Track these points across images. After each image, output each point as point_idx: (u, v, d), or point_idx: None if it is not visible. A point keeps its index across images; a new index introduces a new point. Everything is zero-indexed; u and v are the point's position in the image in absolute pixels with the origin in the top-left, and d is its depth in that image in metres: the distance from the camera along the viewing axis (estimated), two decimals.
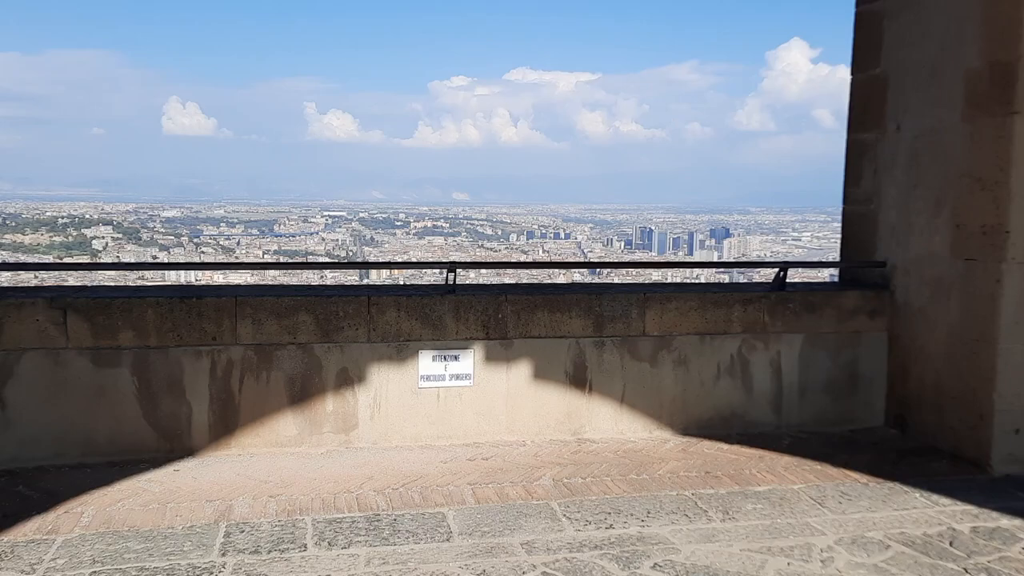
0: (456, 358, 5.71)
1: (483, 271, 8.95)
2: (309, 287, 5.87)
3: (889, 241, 6.30)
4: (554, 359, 5.86)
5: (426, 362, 5.67)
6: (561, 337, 5.85)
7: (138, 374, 5.30)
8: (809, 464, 5.53)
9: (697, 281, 6.99)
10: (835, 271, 7.14)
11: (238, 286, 5.93)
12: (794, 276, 6.72)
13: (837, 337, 6.26)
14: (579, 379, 5.90)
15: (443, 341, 5.69)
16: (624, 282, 6.73)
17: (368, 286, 6.01)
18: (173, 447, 5.37)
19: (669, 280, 7.71)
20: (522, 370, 5.81)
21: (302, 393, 5.53)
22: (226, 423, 5.45)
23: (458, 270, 5.81)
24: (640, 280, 7.69)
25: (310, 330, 5.50)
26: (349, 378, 5.59)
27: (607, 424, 5.96)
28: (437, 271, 6.20)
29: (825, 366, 6.26)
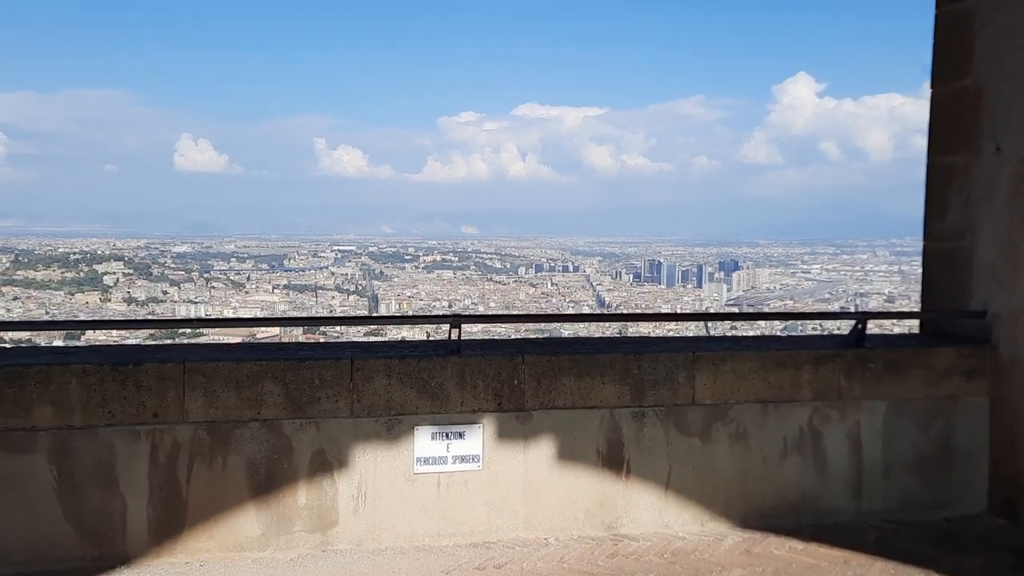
0: (461, 435, 4.50)
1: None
2: (278, 346, 4.68)
3: (988, 285, 5.09)
4: (583, 435, 4.64)
5: (424, 441, 4.46)
6: (592, 407, 4.64)
7: (58, 461, 4.11)
8: (909, 572, 4.27)
9: (756, 334, 5.75)
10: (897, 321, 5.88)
11: (188, 347, 4.75)
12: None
13: (927, 403, 5.03)
14: (614, 459, 4.68)
15: (445, 414, 4.49)
16: (667, 336, 5.50)
17: (351, 344, 4.82)
18: (102, 553, 4.16)
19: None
20: (543, 449, 4.60)
21: (267, 482, 4.33)
22: (170, 522, 4.23)
23: (464, 325, 4.62)
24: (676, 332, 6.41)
25: (278, 403, 4.32)
26: (327, 462, 4.39)
27: (649, 515, 4.72)
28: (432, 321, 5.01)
29: (913, 439, 5.02)
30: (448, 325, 4.60)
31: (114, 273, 63.51)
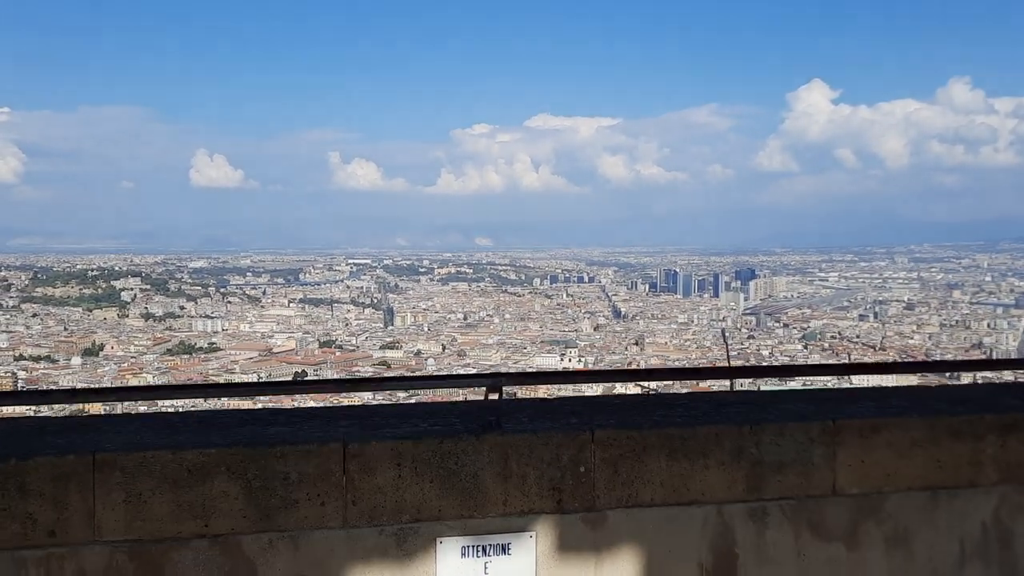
0: (505, 550, 3.03)
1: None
2: (238, 419, 3.21)
3: None
4: (680, 543, 3.16)
5: (451, 559, 3.00)
6: (691, 503, 3.16)
7: None
8: None
9: (914, 382, 4.11)
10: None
11: (101, 420, 3.27)
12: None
13: None
14: None
15: (481, 519, 3.02)
16: (787, 389, 3.94)
17: (344, 411, 3.35)
18: None
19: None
20: (623, 566, 3.11)
21: None
22: None
23: (505, 387, 3.17)
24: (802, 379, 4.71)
25: (236, 510, 2.86)
26: None
27: None
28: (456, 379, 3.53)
29: None
30: (485, 388, 3.14)
31: (132, 289, 62.88)
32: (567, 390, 5.10)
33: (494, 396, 3.18)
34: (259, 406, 3.38)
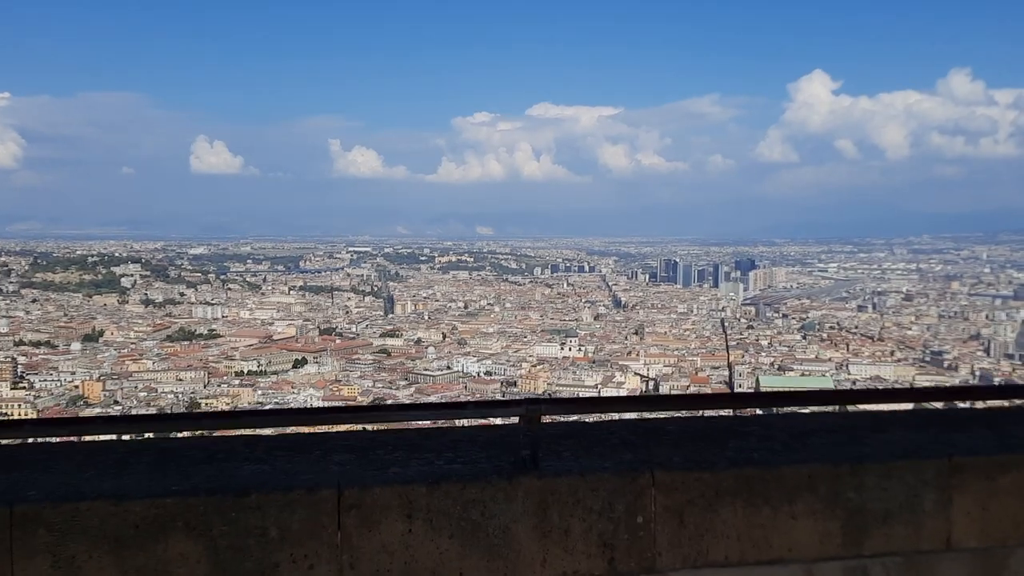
0: None
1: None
2: (204, 449, 2.52)
3: None
4: None
5: None
6: (773, 562, 2.49)
7: None
8: None
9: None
10: None
11: (30, 453, 2.57)
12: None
13: None
14: None
15: None
16: (899, 408, 3.16)
17: (342, 439, 2.65)
18: None
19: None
20: None
21: None
22: None
23: (544, 415, 2.48)
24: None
25: (198, 575, 2.19)
26: None
27: None
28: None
29: None
30: (519, 417, 2.45)
31: (132, 275, 62.18)
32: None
33: (530, 428, 2.50)
34: (236, 433, 2.69)
